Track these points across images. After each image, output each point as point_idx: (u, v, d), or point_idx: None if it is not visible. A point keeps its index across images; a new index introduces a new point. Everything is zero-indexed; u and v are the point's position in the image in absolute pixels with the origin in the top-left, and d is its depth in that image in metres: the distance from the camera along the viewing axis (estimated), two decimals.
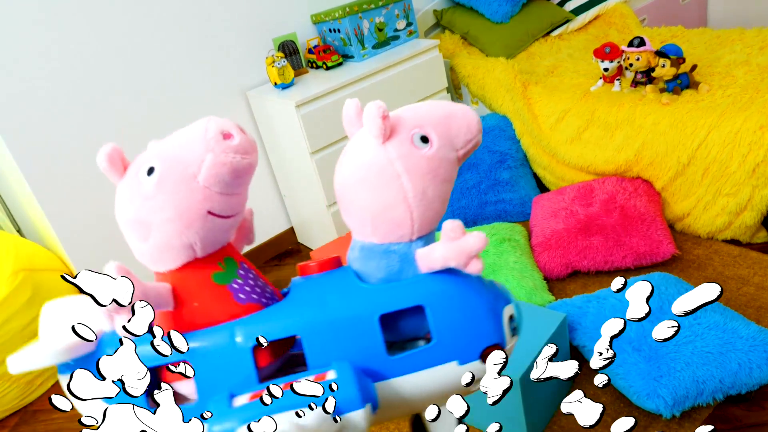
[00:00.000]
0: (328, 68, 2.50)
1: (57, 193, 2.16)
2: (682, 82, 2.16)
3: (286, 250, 2.81)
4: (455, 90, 2.87)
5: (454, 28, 2.94)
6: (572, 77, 2.55)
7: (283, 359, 0.95)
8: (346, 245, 2.43)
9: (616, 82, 2.33)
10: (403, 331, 0.97)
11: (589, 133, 2.32)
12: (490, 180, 2.49)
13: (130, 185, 0.89)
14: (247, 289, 0.93)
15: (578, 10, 2.97)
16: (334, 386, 0.80)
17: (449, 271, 0.91)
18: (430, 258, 0.91)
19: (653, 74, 2.19)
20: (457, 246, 0.86)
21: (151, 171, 0.87)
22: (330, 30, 2.55)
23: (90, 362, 0.85)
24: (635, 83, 2.29)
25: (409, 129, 0.93)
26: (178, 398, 0.87)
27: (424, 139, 0.93)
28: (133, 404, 0.66)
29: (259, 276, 0.98)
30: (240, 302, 0.90)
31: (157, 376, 0.89)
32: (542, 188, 2.67)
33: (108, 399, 0.65)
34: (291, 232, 2.81)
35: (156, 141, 0.92)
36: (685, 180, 2.09)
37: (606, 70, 2.33)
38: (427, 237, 0.97)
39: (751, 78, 2.15)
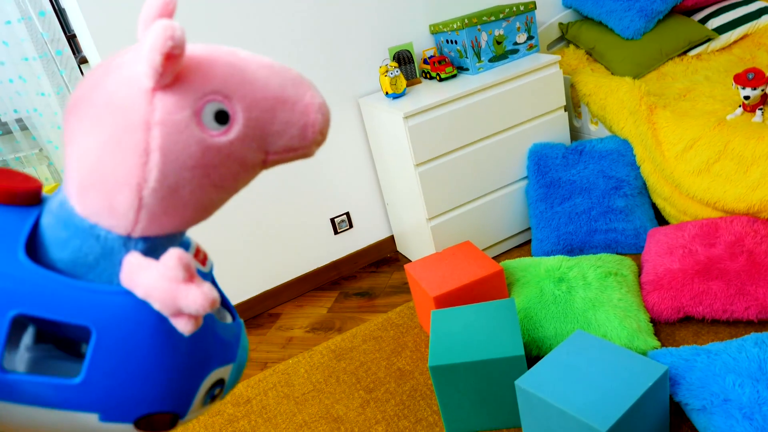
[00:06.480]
0: (441, 80, 2.46)
1: None
2: None
3: (384, 257, 2.82)
4: (575, 108, 2.73)
5: (580, 42, 2.80)
6: (707, 103, 2.33)
7: None
8: (442, 261, 2.35)
9: (758, 112, 2.10)
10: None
11: (720, 166, 2.10)
12: (603, 207, 2.34)
13: None
14: None
15: (722, 29, 2.71)
16: None
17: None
18: (133, 276, 0.67)
19: None
20: (169, 291, 0.63)
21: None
22: (447, 41, 2.52)
23: None
24: None
25: (204, 90, 0.65)
26: None
27: (221, 118, 0.65)
28: None
29: None
30: None
31: None
32: (660, 221, 2.47)
33: None
34: (391, 240, 2.82)
35: None
36: None
37: (747, 98, 2.10)
38: (161, 241, 0.71)
39: None
